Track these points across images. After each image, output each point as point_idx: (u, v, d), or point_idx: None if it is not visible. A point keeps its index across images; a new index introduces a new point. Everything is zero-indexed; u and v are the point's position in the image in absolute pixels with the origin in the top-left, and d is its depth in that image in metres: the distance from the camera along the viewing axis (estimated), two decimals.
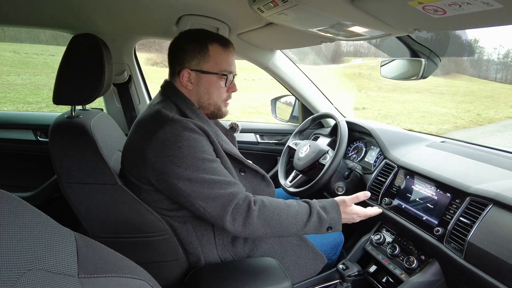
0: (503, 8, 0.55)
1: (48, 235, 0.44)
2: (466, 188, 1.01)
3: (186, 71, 1.03)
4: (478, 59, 20.67)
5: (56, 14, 1.38)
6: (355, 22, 0.88)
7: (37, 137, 1.78)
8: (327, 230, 1.03)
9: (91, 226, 1.01)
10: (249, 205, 0.95)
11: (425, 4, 0.62)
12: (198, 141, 0.95)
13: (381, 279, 1.21)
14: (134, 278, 0.53)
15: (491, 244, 0.87)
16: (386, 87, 14.08)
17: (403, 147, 1.40)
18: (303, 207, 1.02)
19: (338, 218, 1.03)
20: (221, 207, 0.93)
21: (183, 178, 0.92)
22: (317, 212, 1.01)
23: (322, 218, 1.01)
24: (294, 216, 0.99)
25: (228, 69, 1.06)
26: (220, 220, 0.93)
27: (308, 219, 1.00)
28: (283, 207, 0.99)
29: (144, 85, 1.88)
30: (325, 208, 1.03)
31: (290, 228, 0.99)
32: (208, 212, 0.93)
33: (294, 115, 2.09)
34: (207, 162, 0.94)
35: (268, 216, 0.96)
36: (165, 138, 0.93)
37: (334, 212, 1.03)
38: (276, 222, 0.97)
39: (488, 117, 10.60)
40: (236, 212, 0.94)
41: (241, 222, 0.94)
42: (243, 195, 0.97)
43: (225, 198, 0.93)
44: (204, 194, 0.92)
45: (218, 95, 1.08)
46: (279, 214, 0.98)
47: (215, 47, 1.04)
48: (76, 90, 1.03)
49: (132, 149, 1.01)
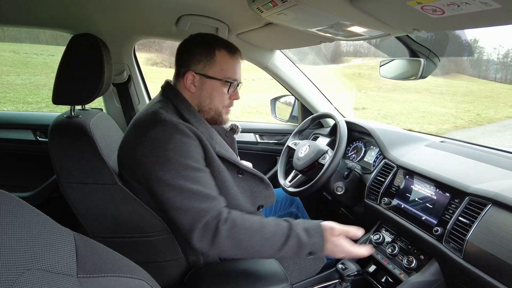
0: (502, 8, 0.55)
1: (47, 235, 0.44)
2: (465, 188, 1.01)
3: (190, 73, 1.03)
4: (478, 59, 20.68)
5: (56, 14, 1.39)
6: (354, 22, 0.88)
7: (36, 137, 1.79)
8: (307, 255, 0.95)
9: (90, 226, 1.01)
10: (218, 224, 0.89)
11: (423, 4, 0.62)
12: (187, 145, 0.93)
13: (380, 278, 1.21)
14: (134, 278, 0.53)
15: (490, 243, 0.87)
16: (386, 87, 14.09)
17: (402, 147, 1.40)
18: (282, 228, 0.94)
19: (321, 244, 0.94)
20: (191, 222, 0.89)
21: (162, 182, 0.90)
22: (296, 235, 0.93)
23: (302, 242, 0.93)
24: (268, 239, 0.92)
25: (233, 76, 1.06)
26: (188, 234, 0.90)
27: (284, 242, 0.92)
28: (257, 229, 0.92)
29: (143, 85, 1.88)
30: (308, 230, 0.95)
31: (263, 251, 0.92)
32: (179, 223, 0.91)
33: (294, 115, 2.09)
34: (190, 170, 0.92)
35: (238, 237, 0.90)
36: (154, 138, 0.92)
37: (317, 236, 0.95)
38: (248, 244, 0.91)
39: (488, 117, 10.61)
40: (205, 230, 0.89)
41: (209, 240, 0.89)
42: (216, 212, 0.91)
43: (196, 212, 0.90)
44: (178, 204, 0.90)
45: (220, 101, 1.07)
46: (251, 235, 0.91)
47: (223, 53, 1.03)
48: (75, 90, 1.03)
49: (127, 148, 1.01)
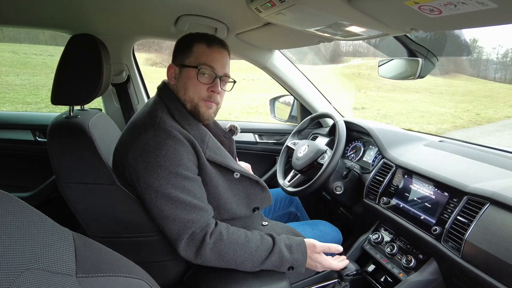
0: (498, 8, 0.56)
1: (46, 235, 0.44)
2: (464, 187, 1.02)
3: (171, 65, 1.05)
4: (477, 59, 20.70)
5: (55, 14, 1.39)
6: (352, 22, 0.88)
7: (35, 137, 1.79)
8: (288, 270, 1.00)
9: (89, 226, 1.01)
10: (204, 237, 0.92)
11: (421, 4, 0.62)
12: (179, 152, 0.93)
13: (379, 278, 1.22)
14: (133, 278, 0.53)
15: (488, 243, 0.87)
16: (385, 87, 14.10)
17: (401, 147, 1.40)
18: (266, 243, 0.98)
19: (303, 260, 0.99)
20: (177, 232, 0.91)
21: (151, 188, 0.91)
22: (279, 251, 0.97)
23: (284, 258, 0.97)
24: (251, 253, 0.96)
25: (208, 63, 1.02)
26: (174, 243, 0.92)
27: (267, 257, 0.96)
28: (242, 242, 0.96)
29: (142, 85, 1.88)
30: (291, 247, 1.00)
31: (245, 264, 0.96)
32: (166, 231, 0.93)
33: (293, 115, 2.09)
34: (179, 178, 0.92)
35: (222, 250, 0.93)
36: (146, 143, 0.92)
37: (299, 253, 0.99)
38: (231, 257, 0.94)
39: (487, 117, 10.62)
40: (190, 241, 0.92)
41: (193, 251, 0.92)
42: (204, 224, 0.93)
43: (183, 223, 0.91)
44: (165, 213, 0.91)
45: (195, 92, 1.03)
46: (235, 249, 0.94)
47: (200, 43, 1.03)
48: (74, 90, 1.03)
49: (121, 149, 1.01)
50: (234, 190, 1.07)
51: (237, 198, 1.08)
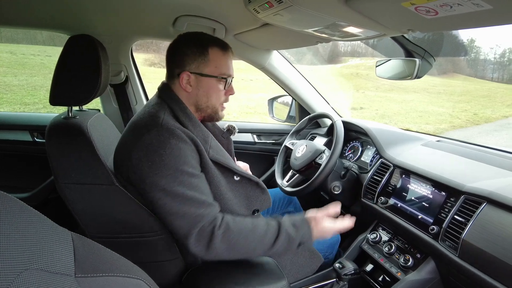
0: (493, 9, 0.56)
1: (45, 235, 0.44)
2: (461, 187, 1.02)
3: (186, 73, 1.03)
4: (475, 59, 20.75)
5: (53, 14, 1.39)
6: (350, 22, 0.88)
7: (34, 138, 1.78)
8: (297, 247, 1.01)
9: (88, 226, 1.02)
10: (213, 229, 0.92)
11: (417, 5, 0.63)
12: (182, 151, 0.93)
13: (377, 277, 1.22)
14: (132, 278, 0.53)
15: (485, 242, 0.88)
16: (384, 87, 14.12)
17: (398, 147, 1.41)
18: (272, 227, 1.00)
19: (309, 234, 1.02)
20: (187, 227, 0.91)
21: (158, 187, 0.91)
22: (285, 231, 0.99)
23: (291, 236, 0.99)
24: (260, 238, 0.97)
25: (227, 72, 1.06)
26: (184, 240, 0.92)
27: (276, 239, 0.98)
28: (250, 229, 0.97)
29: (141, 85, 1.88)
30: (295, 224, 1.02)
31: (257, 250, 0.97)
32: (175, 228, 0.92)
33: (291, 115, 2.09)
34: (185, 175, 0.93)
35: (232, 239, 0.94)
36: (150, 143, 0.92)
37: (305, 228, 1.02)
38: (242, 245, 0.95)
39: (485, 117, 10.64)
40: (201, 235, 0.92)
41: (204, 245, 0.92)
42: (211, 217, 0.94)
43: (192, 218, 0.91)
44: (173, 210, 0.91)
45: (217, 98, 1.07)
46: (245, 237, 0.95)
47: (215, 50, 1.04)
48: (72, 91, 1.03)
49: (123, 150, 1.01)
50: (234, 192, 1.08)
51: (237, 200, 1.08)
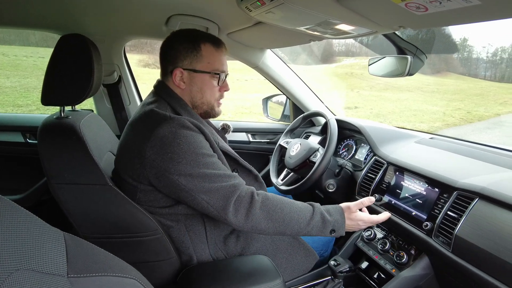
0: (481, 5, 0.57)
1: (36, 235, 0.44)
2: (453, 183, 1.03)
3: (178, 70, 1.04)
4: (468, 58, 20.95)
5: (44, 14, 1.37)
6: (342, 20, 0.89)
7: (26, 139, 1.77)
8: (330, 233, 1.01)
9: (81, 226, 1.01)
10: (252, 196, 0.95)
11: (407, 1, 0.63)
12: (195, 137, 0.96)
13: (372, 274, 1.23)
14: (125, 277, 0.53)
15: (478, 237, 0.88)
16: (378, 86, 14.19)
17: (392, 144, 1.42)
18: (306, 206, 1.02)
19: (342, 222, 1.02)
20: (224, 198, 0.93)
21: (184, 173, 0.92)
22: (320, 212, 1.01)
23: (326, 219, 1.00)
24: (297, 212, 0.98)
25: (221, 68, 1.07)
26: (223, 212, 0.93)
27: (311, 218, 0.99)
28: (287, 202, 1.00)
29: (134, 85, 1.87)
30: (329, 210, 1.03)
31: (293, 225, 0.98)
32: (211, 204, 0.93)
33: (286, 114, 2.10)
34: (206, 157, 0.95)
35: (271, 209, 0.96)
36: (164, 135, 0.93)
37: (338, 215, 1.02)
38: (279, 216, 0.96)
39: (478, 115, 10.74)
40: (239, 203, 0.94)
41: (244, 213, 0.94)
42: (245, 187, 0.97)
43: (227, 189, 0.94)
44: (206, 188, 0.93)
45: (211, 94, 1.08)
46: (282, 208, 0.97)
47: (208, 46, 1.04)
48: (65, 91, 1.02)
49: (128, 149, 1.01)
50: None
51: None
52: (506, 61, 20.29)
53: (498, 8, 0.61)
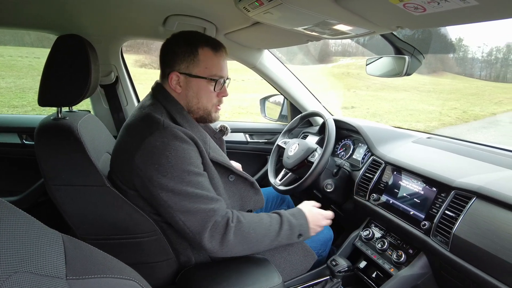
0: (479, 5, 0.57)
1: (34, 237, 0.43)
2: (451, 182, 1.04)
3: (174, 74, 1.02)
4: (463, 58, 21.11)
5: (40, 14, 1.36)
6: (340, 20, 0.89)
7: (22, 140, 1.75)
8: (298, 238, 1.06)
9: (79, 228, 1.00)
10: (227, 222, 0.94)
11: (405, 1, 0.64)
12: (186, 151, 0.94)
13: (371, 274, 1.23)
14: (124, 279, 0.52)
15: (475, 236, 0.89)
16: (375, 86, 14.25)
17: (390, 144, 1.42)
18: (275, 217, 1.04)
19: (306, 224, 1.08)
20: (201, 223, 0.91)
21: (166, 188, 0.91)
22: (287, 220, 1.04)
23: (292, 225, 1.04)
24: (267, 228, 1.00)
25: (219, 73, 1.04)
26: (198, 236, 0.92)
27: (280, 228, 1.02)
28: (257, 221, 1.00)
29: (131, 86, 1.86)
30: (294, 215, 1.08)
31: (265, 241, 1.00)
32: (187, 226, 0.92)
33: (283, 114, 2.10)
34: (192, 175, 0.93)
35: (244, 231, 0.96)
36: (154, 145, 0.92)
37: (302, 218, 1.08)
38: (252, 237, 0.97)
39: (474, 114, 10.82)
40: (215, 230, 0.92)
41: (219, 239, 0.93)
42: (223, 212, 0.95)
43: (205, 213, 0.92)
44: (185, 207, 0.91)
45: (208, 100, 1.06)
46: (254, 228, 0.98)
47: (206, 50, 1.02)
48: (62, 91, 1.01)
49: (121, 152, 1.00)
50: (229, 193, 1.09)
51: (231, 200, 1.09)
52: (501, 61, 20.46)
53: (495, 9, 0.62)
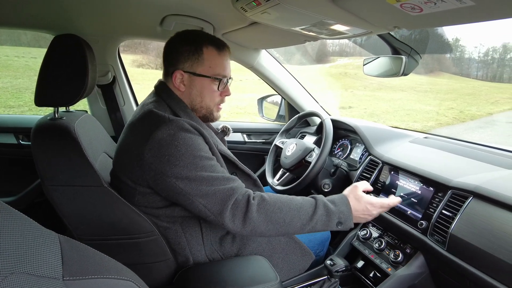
0: (475, 6, 0.58)
1: (31, 238, 0.43)
2: (448, 182, 1.04)
3: (179, 72, 1.02)
4: (460, 58, 21.22)
5: (37, 14, 1.35)
6: (337, 20, 0.89)
7: (19, 140, 1.75)
8: (337, 226, 0.95)
9: (77, 229, 1.00)
10: (248, 200, 0.92)
11: (402, 2, 0.64)
12: (194, 140, 0.94)
13: (368, 273, 1.23)
14: (121, 279, 0.52)
15: (472, 235, 0.89)
16: (372, 86, 14.29)
17: (387, 144, 1.43)
18: (308, 200, 0.97)
19: (349, 212, 0.96)
20: (221, 203, 0.91)
21: (182, 176, 0.91)
22: (323, 204, 0.95)
23: (330, 210, 0.94)
24: (297, 209, 0.94)
25: (222, 73, 1.05)
26: (220, 216, 0.91)
27: (314, 212, 0.94)
28: (285, 201, 0.95)
29: (129, 86, 1.86)
30: (334, 201, 0.97)
31: (294, 223, 0.93)
32: (208, 208, 0.91)
33: (281, 114, 2.10)
34: (204, 160, 0.93)
35: (268, 210, 0.92)
36: (161, 138, 0.92)
37: (343, 205, 0.96)
38: (279, 216, 0.92)
39: (471, 114, 10.87)
40: (236, 208, 0.91)
41: (241, 218, 0.91)
42: (243, 190, 0.95)
43: (224, 193, 0.91)
44: (203, 191, 0.91)
45: (211, 99, 1.06)
46: (281, 207, 0.93)
47: (210, 50, 1.02)
48: (59, 91, 1.01)
49: (127, 151, 1.00)
50: None
51: None
52: (497, 61, 20.58)
53: (491, 9, 0.62)
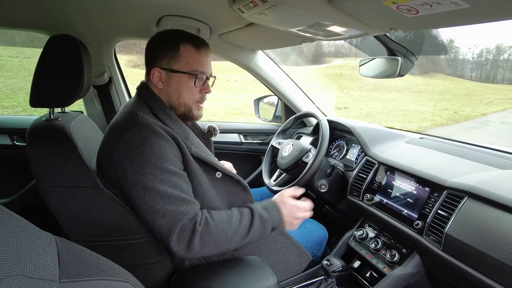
0: (470, 8, 0.58)
1: (27, 240, 0.43)
2: (443, 182, 1.05)
3: (156, 69, 1.02)
4: (454, 59, 21.41)
5: (32, 14, 1.34)
6: (333, 21, 0.90)
7: (13, 141, 1.73)
8: (271, 232, 1.03)
9: (73, 230, 0.99)
10: (195, 226, 0.92)
11: (398, 3, 0.64)
12: (163, 148, 0.93)
13: (364, 274, 1.24)
14: (118, 281, 0.52)
15: (467, 234, 0.90)
16: (367, 86, 14.37)
17: (383, 144, 1.43)
18: (245, 212, 1.01)
19: (280, 217, 1.05)
20: (168, 226, 0.90)
21: (138, 185, 0.90)
22: (259, 214, 1.01)
23: (264, 219, 1.01)
24: (237, 226, 0.98)
25: (200, 69, 1.04)
26: (166, 238, 0.91)
27: (251, 225, 0.99)
28: (226, 219, 0.97)
29: (125, 86, 1.85)
30: (267, 208, 1.05)
31: (235, 239, 0.97)
32: (156, 227, 0.91)
33: (277, 115, 2.10)
34: (166, 173, 0.92)
35: (212, 233, 0.93)
36: (130, 141, 0.91)
37: (275, 211, 1.05)
38: (221, 237, 0.95)
39: (465, 114, 10.97)
40: (182, 232, 0.91)
41: (185, 242, 0.91)
42: (192, 214, 0.93)
43: (174, 217, 0.90)
44: (154, 208, 0.90)
45: (189, 96, 1.05)
46: (223, 228, 0.95)
47: (188, 47, 1.02)
48: (54, 92, 1.00)
49: (104, 151, 1.00)
50: (216, 189, 1.07)
51: (219, 197, 1.08)
52: (491, 62, 20.78)
53: (486, 11, 0.63)
